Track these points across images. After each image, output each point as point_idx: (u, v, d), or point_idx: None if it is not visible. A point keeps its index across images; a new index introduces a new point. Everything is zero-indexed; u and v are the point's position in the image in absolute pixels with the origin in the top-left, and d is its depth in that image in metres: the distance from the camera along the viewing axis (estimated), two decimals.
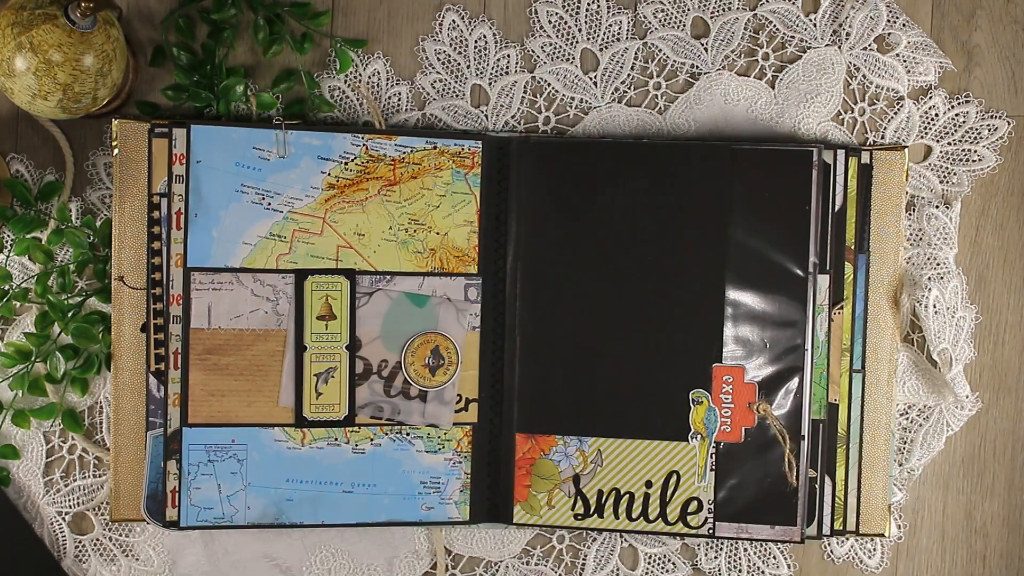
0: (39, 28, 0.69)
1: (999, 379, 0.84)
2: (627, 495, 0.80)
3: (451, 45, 0.82)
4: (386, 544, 0.83)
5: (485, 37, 0.82)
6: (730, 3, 0.83)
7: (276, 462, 0.79)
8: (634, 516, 0.80)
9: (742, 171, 0.79)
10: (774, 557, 0.84)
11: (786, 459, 0.80)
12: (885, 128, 0.83)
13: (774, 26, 0.83)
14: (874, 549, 0.84)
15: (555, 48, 0.83)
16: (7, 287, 0.81)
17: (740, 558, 0.84)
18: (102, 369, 0.81)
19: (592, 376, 0.80)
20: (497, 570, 0.84)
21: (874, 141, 0.83)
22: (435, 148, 0.80)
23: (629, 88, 0.83)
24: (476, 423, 0.81)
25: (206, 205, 0.78)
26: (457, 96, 0.83)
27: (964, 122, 0.83)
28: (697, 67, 0.83)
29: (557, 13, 0.82)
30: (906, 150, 0.82)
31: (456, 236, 0.80)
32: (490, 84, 0.83)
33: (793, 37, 0.83)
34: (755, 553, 0.84)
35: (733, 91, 0.83)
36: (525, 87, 0.83)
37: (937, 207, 0.83)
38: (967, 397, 0.83)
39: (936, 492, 0.84)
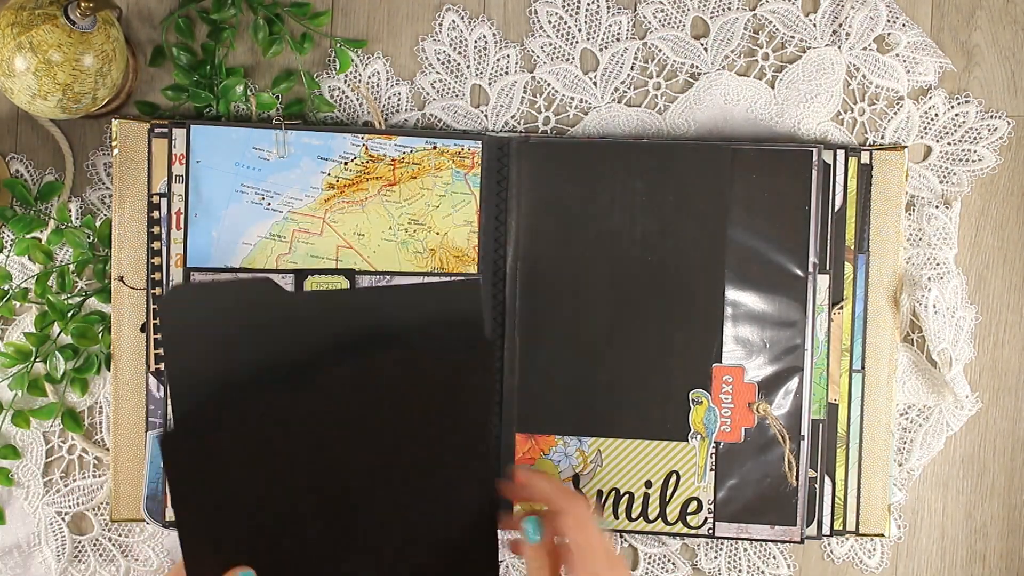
0: (39, 28, 0.69)
1: (999, 379, 0.84)
2: (627, 495, 0.80)
3: (451, 45, 0.82)
4: None
5: (485, 37, 0.82)
6: (730, 3, 0.83)
7: None
8: (634, 516, 0.80)
9: (742, 171, 0.79)
10: (774, 557, 0.84)
11: (786, 459, 0.80)
12: (885, 128, 0.83)
13: (774, 26, 0.83)
14: (874, 549, 0.84)
15: (555, 48, 0.83)
16: (7, 287, 0.81)
17: (740, 558, 0.84)
18: (102, 369, 0.81)
19: (592, 376, 0.80)
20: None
21: (874, 141, 0.83)
22: (435, 148, 0.80)
23: (629, 88, 0.83)
24: None
25: (206, 205, 0.78)
26: (457, 96, 0.83)
27: (964, 122, 0.83)
28: (697, 67, 0.83)
29: (557, 13, 0.82)
30: (906, 150, 0.82)
31: (456, 236, 0.80)
32: (490, 84, 0.83)
33: (793, 37, 0.83)
34: (755, 553, 0.84)
35: (733, 91, 0.83)
36: (525, 87, 0.83)
37: (937, 207, 0.83)
38: (967, 397, 0.83)
39: (936, 492, 0.84)
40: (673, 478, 0.80)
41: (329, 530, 0.66)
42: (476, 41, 0.83)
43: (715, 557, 0.84)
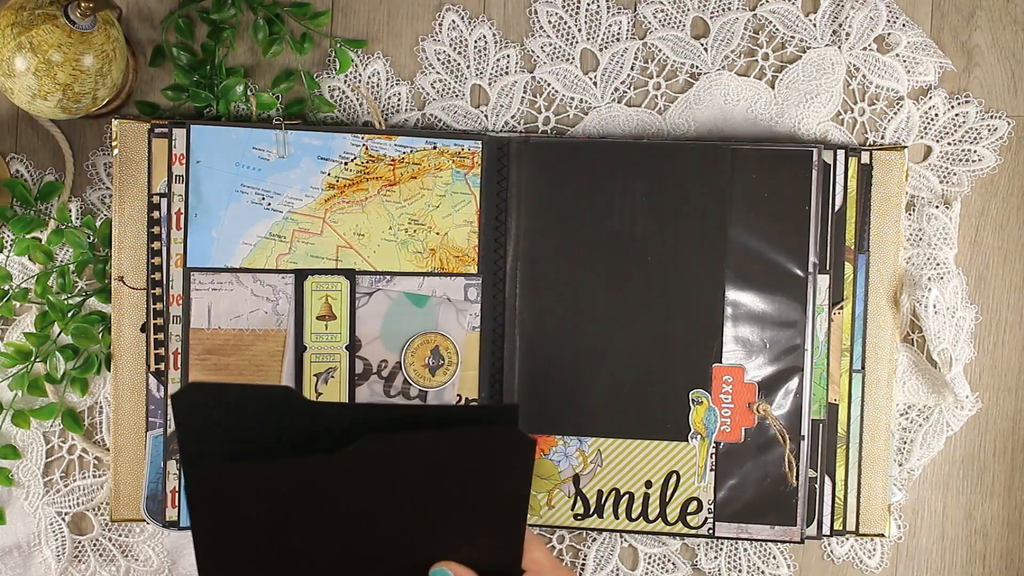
0: (39, 28, 0.69)
1: (999, 379, 0.84)
2: (627, 495, 0.80)
3: (451, 45, 0.82)
4: None
5: (485, 37, 0.82)
6: (730, 3, 0.83)
7: None
8: (634, 516, 0.80)
9: (742, 171, 0.79)
10: (774, 557, 0.84)
11: (786, 459, 0.80)
12: (885, 128, 0.83)
13: (774, 26, 0.83)
14: (874, 549, 0.84)
15: (555, 48, 0.83)
16: (7, 287, 0.81)
17: (740, 558, 0.84)
18: (102, 369, 0.81)
19: (592, 376, 0.80)
20: None
21: (874, 141, 0.83)
22: (435, 148, 0.80)
23: (629, 88, 0.83)
24: None
25: (206, 205, 0.78)
26: (457, 96, 0.83)
27: (964, 122, 0.83)
28: (697, 67, 0.83)
29: (557, 13, 0.82)
30: (906, 150, 0.82)
31: (456, 236, 0.80)
32: (490, 84, 0.83)
33: (793, 37, 0.83)
34: (755, 553, 0.84)
35: (733, 91, 0.83)
36: (525, 87, 0.83)
37: (937, 207, 0.83)
38: (967, 397, 0.83)
39: (936, 492, 0.84)
40: (673, 478, 0.80)
41: None
42: (476, 41, 0.83)
43: (715, 557, 0.84)
